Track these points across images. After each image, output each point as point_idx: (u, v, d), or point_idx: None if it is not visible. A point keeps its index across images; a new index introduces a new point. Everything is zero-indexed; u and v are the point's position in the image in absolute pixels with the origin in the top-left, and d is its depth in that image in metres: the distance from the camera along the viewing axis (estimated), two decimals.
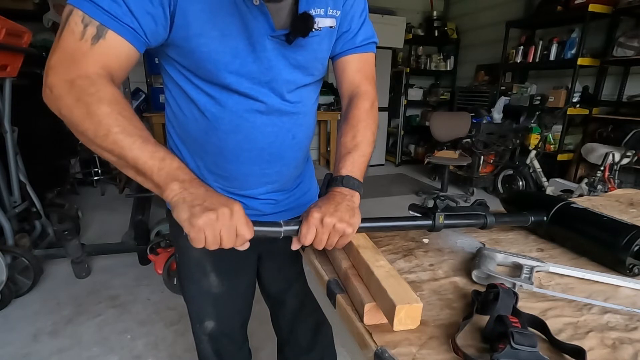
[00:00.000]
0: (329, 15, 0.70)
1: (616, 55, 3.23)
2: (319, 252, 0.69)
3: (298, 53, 0.70)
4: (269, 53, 0.67)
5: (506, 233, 0.79)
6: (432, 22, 5.27)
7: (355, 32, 0.77)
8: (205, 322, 0.96)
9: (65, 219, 2.75)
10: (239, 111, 0.71)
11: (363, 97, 0.78)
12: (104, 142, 0.53)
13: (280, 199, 0.86)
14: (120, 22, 0.54)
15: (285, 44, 0.67)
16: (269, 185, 0.82)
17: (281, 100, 0.73)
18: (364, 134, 0.73)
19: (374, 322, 0.49)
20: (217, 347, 1.01)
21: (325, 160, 5.22)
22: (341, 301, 0.54)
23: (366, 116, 0.76)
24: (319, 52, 0.73)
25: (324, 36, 0.72)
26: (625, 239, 0.60)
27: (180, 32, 0.62)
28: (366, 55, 0.80)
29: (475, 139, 3.84)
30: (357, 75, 0.80)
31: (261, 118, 0.73)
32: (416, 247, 0.72)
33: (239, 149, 0.75)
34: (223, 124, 0.72)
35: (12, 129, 2.15)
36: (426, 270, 0.64)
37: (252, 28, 0.64)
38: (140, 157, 0.53)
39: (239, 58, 0.66)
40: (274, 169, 0.79)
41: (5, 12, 2.01)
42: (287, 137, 0.77)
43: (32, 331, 1.79)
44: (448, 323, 0.49)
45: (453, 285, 0.59)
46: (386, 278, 0.48)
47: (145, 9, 0.56)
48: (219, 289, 0.93)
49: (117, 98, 0.55)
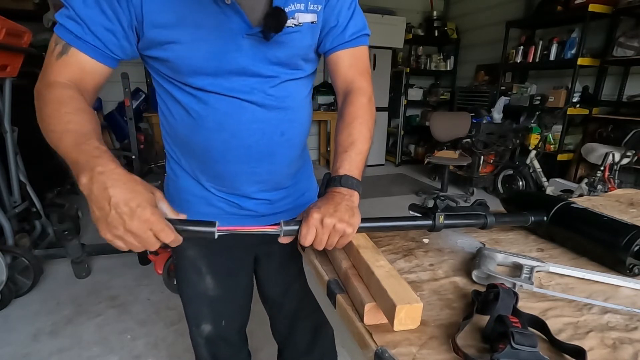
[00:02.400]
0: (309, 10, 0.69)
1: (616, 55, 3.23)
2: (319, 252, 0.69)
3: (278, 49, 0.69)
4: (247, 52, 0.67)
5: (506, 233, 0.79)
6: (432, 22, 5.26)
7: (343, 26, 0.74)
8: (202, 325, 0.96)
9: (65, 219, 2.75)
10: (222, 109, 0.71)
11: (358, 93, 0.76)
12: (51, 141, 0.58)
13: (275, 199, 0.85)
14: (82, 41, 0.61)
15: (264, 40, 0.67)
16: (261, 184, 0.81)
17: (265, 96, 0.72)
18: (360, 131, 0.71)
19: (374, 322, 0.49)
20: (214, 351, 1.00)
21: (325, 160, 5.23)
22: (341, 301, 0.54)
23: (362, 112, 0.73)
24: (300, 48, 0.72)
25: (305, 32, 0.71)
26: (625, 239, 0.60)
27: (150, 41, 0.65)
28: (358, 49, 0.77)
29: (475, 139, 3.84)
30: (350, 71, 0.77)
31: (245, 115, 0.72)
32: (416, 247, 0.72)
33: (226, 147, 0.74)
34: (207, 122, 0.72)
35: (12, 129, 2.14)
36: (426, 270, 0.64)
37: (226, 28, 0.64)
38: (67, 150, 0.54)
39: (214, 60, 0.66)
40: (264, 167, 0.78)
41: (5, 12, 2.01)
42: (276, 133, 0.75)
43: (32, 331, 1.79)
44: (448, 323, 0.49)
45: (453, 285, 0.59)
46: (386, 278, 0.48)
47: (104, 25, 0.62)
48: (215, 292, 0.92)
49: (61, 99, 0.59)
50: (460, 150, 3.76)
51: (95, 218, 0.49)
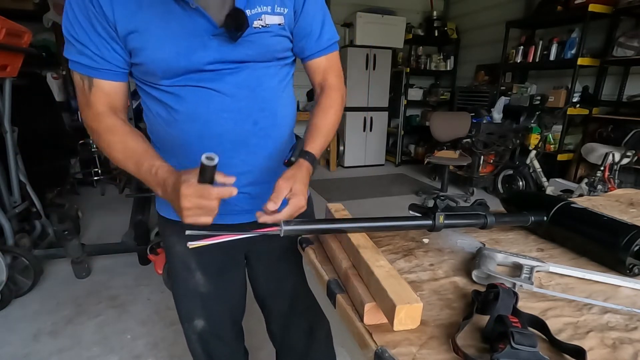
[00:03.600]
0: (276, 13, 0.74)
1: (616, 55, 3.23)
2: (319, 252, 0.69)
3: (249, 48, 0.74)
4: (214, 50, 0.71)
5: (506, 233, 0.79)
6: (432, 22, 5.26)
7: (318, 34, 0.82)
8: (194, 320, 0.97)
9: (65, 219, 2.75)
10: (193, 100, 0.75)
11: (333, 88, 0.87)
12: (118, 164, 0.71)
13: (256, 193, 0.85)
14: (98, 70, 0.71)
15: (232, 40, 0.71)
16: (240, 175, 0.82)
17: (234, 87, 0.76)
18: (332, 121, 0.83)
19: (374, 322, 0.49)
20: (208, 347, 1.01)
21: (325, 161, 5.23)
22: (341, 301, 0.54)
23: (336, 104, 0.85)
24: (271, 46, 0.77)
25: (275, 32, 0.75)
26: (625, 239, 0.60)
27: (128, 48, 0.71)
28: (332, 54, 0.87)
29: (475, 139, 3.84)
30: (325, 72, 0.87)
31: (215, 105, 0.76)
32: (416, 247, 0.72)
33: (199, 137, 0.77)
34: (181, 115, 0.76)
35: (12, 129, 2.15)
36: (426, 270, 0.64)
37: (192, 30, 0.69)
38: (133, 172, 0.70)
39: (183, 61, 0.71)
40: (238, 157, 0.81)
41: (5, 12, 2.01)
42: (247, 122, 0.79)
43: (32, 331, 1.79)
44: (448, 323, 0.49)
45: (453, 285, 0.59)
46: (386, 278, 0.48)
47: (105, 47, 0.69)
48: (205, 288, 0.94)
49: (109, 129, 0.72)
50: (460, 150, 3.76)
51: (178, 210, 0.61)
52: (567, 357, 0.43)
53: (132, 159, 0.69)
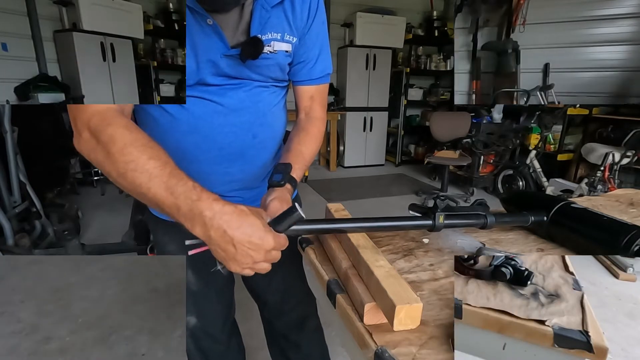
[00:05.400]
0: (285, 40, 0.76)
1: None
2: (319, 252, 0.69)
3: (253, 72, 0.75)
4: (222, 69, 0.72)
5: (506, 233, 0.79)
6: (432, 22, 5.26)
7: (313, 63, 0.83)
8: (187, 317, 0.99)
9: (65, 219, 2.75)
10: (196, 112, 0.74)
11: (320, 119, 0.89)
12: (124, 181, 0.55)
13: (248, 197, 0.87)
14: None
15: (239, 61, 0.71)
16: (234, 182, 0.84)
17: (237, 101, 0.76)
18: (313, 150, 0.85)
19: (374, 322, 0.49)
20: (200, 344, 1.03)
21: (325, 161, 5.23)
22: (341, 301, 0.54)
23: (318, 136, 0.87)
24: (273, 71, 0.78)
25: (280, 59, 0.77)
26: (625, 239, 0.60)
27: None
28: (322, 85, 0.89)
29: (475, 139, 3.84)
30: (313, 100, 0.89)
31: (219, 119, 0.75)
32: (416, 247, 0.72)
33: (197, 149, 0.77)
34: (181, 124, 0.75)
35: (12, 129, 2.14)
36: (426, 270, 0.64)
37: (204, 47, 0.69)
38: (160, 197, 0.53)
39: (193, 76, 0.71)
40: (236, 167, 0.81)
41: None
42: (247, 136, 0.79)
43: None
44: (448, 323, 0.49)
45: (453, 286, 0.59)
46: (386, 278, 0.48)
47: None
48: (196, 286, 0.95)
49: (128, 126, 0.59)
50: (460, 150, 3.76)
51: (221, 258, 0.52)
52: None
53: (158, 180, 0.54)
